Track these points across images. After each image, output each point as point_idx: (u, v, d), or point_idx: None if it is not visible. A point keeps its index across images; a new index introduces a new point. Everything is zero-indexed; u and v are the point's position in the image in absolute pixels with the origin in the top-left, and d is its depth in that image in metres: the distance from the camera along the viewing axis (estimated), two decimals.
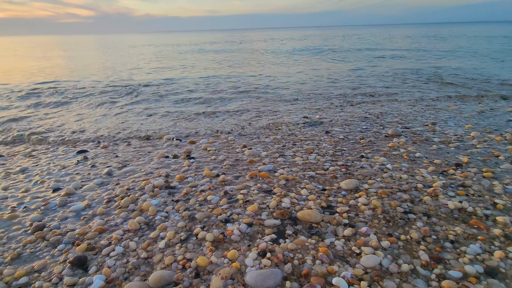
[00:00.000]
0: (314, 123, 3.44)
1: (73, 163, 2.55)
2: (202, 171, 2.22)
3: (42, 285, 1.20)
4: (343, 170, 2.14)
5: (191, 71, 8.61)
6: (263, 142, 2.85)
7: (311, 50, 7.51)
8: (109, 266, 1.28)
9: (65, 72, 9.03)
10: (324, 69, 8.18)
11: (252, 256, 1.29)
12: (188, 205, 1.75)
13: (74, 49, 22.54)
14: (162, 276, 1.19)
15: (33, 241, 1.49)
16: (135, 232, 1.51)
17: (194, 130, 3.36)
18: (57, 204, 1.84)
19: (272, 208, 1.68)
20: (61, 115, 4.32)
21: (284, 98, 4.93)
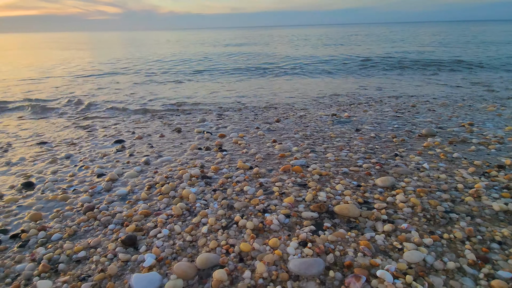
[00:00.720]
0: (343, 121, 3.41)
1: (112, 151, 2.69)
2: (235, 163, 2.28)
3: (99, 259, 1.30)
4: (377, 168, 2.12)
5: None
6: (292, 138, 2.87)
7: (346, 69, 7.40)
8: (157, 246, 1.36)
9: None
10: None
11: (293, 245, 1.33)
12: (225, 194, 1.81)
13: (143, 44, 23.40)
14: (208, 258, 1.25)
15: (86, 220, 1.60)
16: (178, 217, 1.59)
17: (222, 125, 3.43)
18: (103, 188, 1.96)
19: (308, 201, 1.70)
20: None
21: (311, 96, 4.91)
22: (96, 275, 1.21)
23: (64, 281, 1.18)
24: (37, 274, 1.23)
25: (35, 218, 1.64)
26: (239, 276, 1.19)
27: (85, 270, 1.24)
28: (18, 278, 1.22)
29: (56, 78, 7.75)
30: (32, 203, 1.81)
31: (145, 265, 1.24)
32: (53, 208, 1.76)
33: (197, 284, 1.17)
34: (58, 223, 1.60)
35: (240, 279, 1.17)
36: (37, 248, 1.40)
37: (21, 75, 8.26)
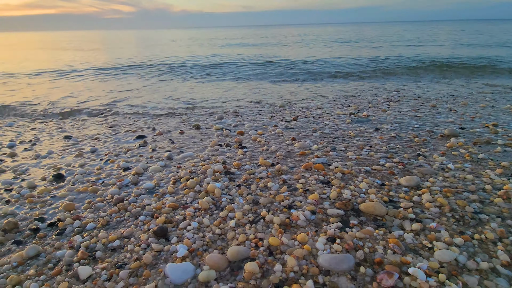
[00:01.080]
0: (361, 120, 3.39)
1: (135, 146, 2.76)
2: (256, 160, 2.30)
3: (133, 248, 1.35)
4: (400, 167, 2.10)
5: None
6: (311, 136, 2.87)
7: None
8: (188, 238, 1.40)
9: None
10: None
11: (322, 241, 1.34)
12: (250, 190, 1.84)
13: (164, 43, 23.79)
14: (239, 251, 1.28)
15: (117, 211, 1.66)
16: (206, 211, 1.63)
17: (240, 123, 3.46)
18: (130, 181, 2.02)
19: (333, 198, 1.71)
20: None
21: (327, 94, 4.89)
22: (132, 263, 1.25)
23: (103, 268, 1.24)
24: (76, 261, 1.29)
25: (69, 208, 1.71)
26: (270, 269, 1.21)
27: (121, 258, 1.30)
28: (59, 264, 1.28)
29: (80, 76, 7.97)
30: (64, 194, 1.89)
31: (178, 256, 1.28)
32: (85, 199, 1.83)
33: (229, 275, 1.20)
34: (91, 213, 1.66)
35: (271, 272, 1.20)
36: (74, 236, 1.46)
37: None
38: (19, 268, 1.27)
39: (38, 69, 9.00)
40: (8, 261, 1.31)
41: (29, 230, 1.52)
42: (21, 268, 1.27)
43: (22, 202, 1.81)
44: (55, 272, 1.23)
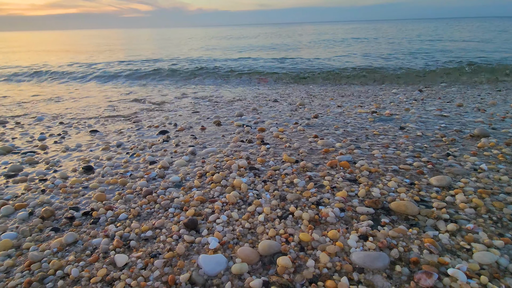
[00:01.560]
0: (384, 118, 3.31)
1: (159, 141, 2.82)
2: (280, 157, 2.30)
3: (166, 239, 1.38)
4: (430, 167, 2.04)
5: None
6: (333, 134, 2.83)
7: None
8: (218, 231, 1.41)
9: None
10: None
11: (354, 238, 1.32)
12: (276, 186, 1.83)
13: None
14: (270, 245, 1.28)
15: (147, 203, 1.70)
16: (233, 205, 1.64)
17: (260, 120, 3.46)
18: (157, 175, 2.06)
19: (361, 196, 1.68)
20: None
21: (347, 92, 4.81)
22: (166, 253, 1.28)
23: (138, 257, 1.27)
24: (112, 249, 1.33)
25: (101, 199, 1.77)
26: (303, 264, 1.21)
27: (154, 248, 1.33)
28: (96, 251, 1.33)
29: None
30: (95, 185, 1.95)
31: (211, 247, 1.29)
32: (115, 191, 1.89)
33: (261, 269, 1.21)
34: (122, 204, 1.71)
35: (304, 267, 1.19)
36: (107, 225, 1.51)
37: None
38: (59, 253, 1.33)
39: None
40: (48, 247, 1.36)
41: (65, 218, 1.58)
42: (60, 253, 1.33)
43: (56, 192, 1.89)
44: (92, 259, 1.27)
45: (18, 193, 1.90)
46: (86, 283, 1.15)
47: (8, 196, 1.86)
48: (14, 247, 1.39)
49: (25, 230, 1.49)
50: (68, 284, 1.16)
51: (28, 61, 11.60)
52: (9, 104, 4.89)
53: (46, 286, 1.15)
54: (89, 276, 1.18)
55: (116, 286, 1.12)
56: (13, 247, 1.38)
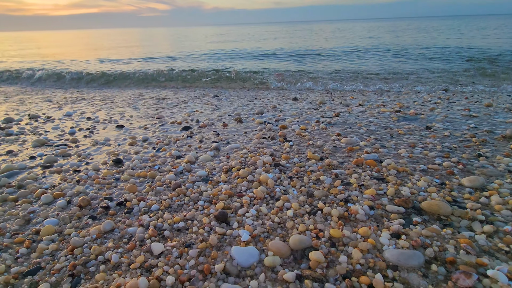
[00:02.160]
0: (409, 117, 3.24)
1: (183, 136, 2.88)
2: (304, 154, 2.30)
3: (198, 230, 1.42)
4: (460, 167, 1.98)
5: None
6: (356, 132, 2.80)
7: None
8: (249, 224, 1.44)
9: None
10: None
11: (386, 236, 1.31)
12: (303, 182, 1.84)
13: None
14: (301, 240, 1.30)
15: (177, 195, 1.75)
16: (261, 200, 1.66)
17: (281, 117, 3.47)
18: (184, 169, 2.12)
19: (390, 195, 1.66)
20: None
21: (370, 90, 4.73)
22: (199, 244, 1.32)
23: (173, 246, 1.31)
24: (148, 237, 1.38)
25: (132, 190, 1.83)
26: (335, 260, 1.21)
27: (188, 239, 1.37)
28: (132, 239, 1.39)
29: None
30: (126, 177, 2.02)
31: (243, 240, 1.32)
32: (145, 183, 1.95)
33: (293, 263, 1.22)
34: (153, 196, 1.77)
35: (336, 263, 1.20)
36: (141, 215, 1.57)
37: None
38: (98, 240, 1.39)
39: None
40: (88, 234, 1.44)
41: (101, 208, 1.65)
42: (99, 240, 1.39)
43: (90, 183, 1.98)
44: (130, 246, 1.33)
45: (55, 183, 2.00)
46: (126, 268, 1.21)
47: (46, 185, 1.96)
48: (57, 232, 1.47)
49: (65, 217, 1.57)
50: (109, 269, 1.22)
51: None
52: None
53: (89, 270, 1.22)
54: (128, 262, 1.24)
55: (155, 272, 1.17)
56: (56, 233, 1.47)
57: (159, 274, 1.15)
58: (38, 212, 1.67)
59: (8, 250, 1.36)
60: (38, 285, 1.14)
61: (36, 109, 4.47)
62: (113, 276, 1.17)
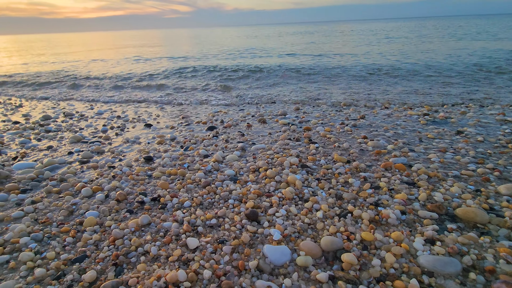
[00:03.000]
0: (438, 121, 3.14)
1: (209, 136, 2.96)
2: (330, 156, 2.30)
3: (230, 228, 1.46)
4: (497, 174, 1.91)
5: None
6: (383, 135, 2.75)
7: None
8: (279, 224, 1.47)
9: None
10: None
11: (419, 241, 1.30)
12: (331, 184, 1.85)
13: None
14: (333, 241, 1.31)
15: (207, 193, 1.81)
16: (290, 200, 1.69)
17: (305, 119, 3.47)
18: (212, 168, 2.18)
19: (422, 200, 1.63)
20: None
21: (395, 92, 4.62)
22: (232, 240, 1.36)
23: (207, 242, 1.37)
24: (183, 232, 1.45)
25: (165, 187, 1.92)
26: (367, 262, 1.22)
27: (221, 235, 1.42)
28: (168, 233, 1.45)
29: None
30: (158, 174, 2.11)
31: (275, 239, 1.35)
32: (176, 180, 2.03)
33: (324, 264, 1.24)
34: (185, 193, 1.84)
35: (369, 266, 1.20)
36: (175, 211, 1.64)
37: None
38: (136, 233, 1.48)
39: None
40: (126, 226, 1.52)
41: (136, 202, 1.75)
42: (137, 233, 1.48)
43: (125, 179, 2.08)
44: (166, 240, 1.40)
45: (93, 178, 2.13)
46: (165, 261, 1.27)
47: (85, 179, 2.09)
48: (98, 224, 1.57)
49: (105, 210, 1.67)
50: (149, 260, 1.29)
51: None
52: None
53: (131, 260, 1.30)
54: (166, 255, 1.30)
55: (192, 266, 1.22)
56: (97, 224, 1.57)
57: (196, 267, 1.21)
58: (79, 204, 1.78)
59: (56, 238, 1.47)
60: (86, 272, 1.23)
61: (70, 107, 4.74)
62: (153, 267, 1.24)
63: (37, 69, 9.78)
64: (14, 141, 3.01)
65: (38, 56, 15.04)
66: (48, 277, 1.22)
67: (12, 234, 1.49)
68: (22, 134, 3.24)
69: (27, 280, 1.21)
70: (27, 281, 1.21)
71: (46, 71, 9.19)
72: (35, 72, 9.02)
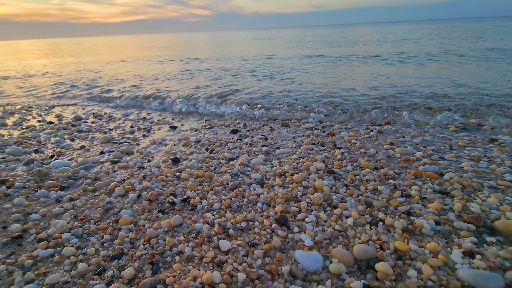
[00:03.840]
0: (469, 128, 3.02)
1: (232, 139, 3.00)
2: (356, 162, 2.27)
3: (260, 231, 1.48)
4: None
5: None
6: (410, 142, 2.68)
7: None
8: (309, 229, 1.47)
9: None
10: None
11: (457, 253, 1.26)
12: (359, 191, 1.83)
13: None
14: (366, 250, 1.29)
15: (235, 196, 1.84)
16: (319, 206, 1.68)
17: (329, 123, 3.44)
18: (238, 171, 2.21)
19: (457, 211, 1.58)
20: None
21: (422, 95, 4.48)
22: (263, 244, 1.38)
23: (238, 245, 1.39)
24: (214, 234, 1.48)
25: (193, 188, 1.97)
26: (403, 273, 1.19)
27: (251, 239, 1.44)
28: (200, 235, 1.49)
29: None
30: (186, 176, 2.17)
31: (306, 244, 1.35)
32: (203, 182, 2.08)
33: (357, 272, 1.23)
34: (213, 195, 1.88)
35: (405, 277, 1.18)
36: (205, 213, 1.68)
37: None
38: (169, 233, 1.53)
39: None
40: (159, 226, 1.58)
41: (167, 203, 1.80)
42: (170, 233, 1.52)
43: (155, 179, 2.16)
44: (199, 241, 1.43)
45: (125, 177, 2.22)
46: (199, 261, 1.31)
47: (117, 179, 2.18)
48: (132, 223, 1.64)
49: (138, 209, 1.74)
50: (183, 260, 1.33)
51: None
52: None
53: (166, 260, 1.34)
54: (200, 256, 1.34)
55: (225, 268, 1.25)
56: (132, 223, 1.63)
57: (230, 270, 1.23)
58: (114, 203, 1.86)
59: (94, 235, 1.55)
60: (125, 269, 1.29)
61: (98, 108, 4.96)
62: (188, 268, 1.27)
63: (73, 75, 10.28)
64: (49, 141, 3.19)
65: (78, 59, 15.82)
66: (90, 272, 1.29)
67: (54, 229, 1.58)
68: (56, 134, 3.42)
69: (71, 274, 1.28)
70: (71, 275, 1.28)
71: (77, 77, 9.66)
72: (73, 77, 9.50)
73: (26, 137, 3.29)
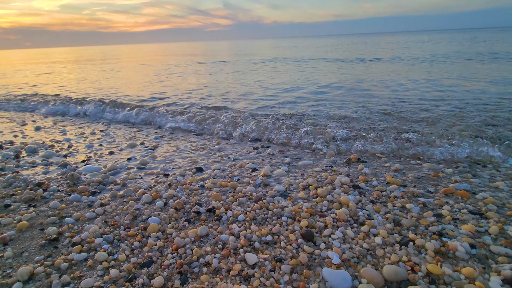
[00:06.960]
0: None
1: (253, 149, 3.02)
2: (382, 177, 2.22)
3: (286, 246, 1.48)
4: None
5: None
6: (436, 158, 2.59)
7: None
8: (336, 246, 1.45)
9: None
10: None
11: (496, 281, 1.19)
12: (387, 208, 1.78)
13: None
14: (397, 272, 1.26)
15: (259, 208, 1.85)
16: (345, 222, 1.66)
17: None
18: (262, 182, 2.22)
19: (493, 234, 1.50)
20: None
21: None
22: (289, 260, 1.37)
23: (265, 259, 1.39)
24: (240, 247, 1.49)
25: (218, 198, 1.99)
26: None
27: (277, 253, 1.44)
28: (226, 247, 1.51)
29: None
30: (210, 185, 2.21)
31: (334, 262, 1.33)
32: (227, 192, 2.10)
33: None
34: (238, 206, 1.90)
35: None
36: (230, 224, 1.70)
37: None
38: (195, 243, 1.55)
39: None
40: (186, 235, 1.61)
41: (193, 212, 1.84)
42: (197, 243, 1.55)
43: (180, 188, 2.21)
44: (225, 253, 1.45)
45: (151, 184, 2.29)
46: (226, 274, 1.32)
47: (145, 186, 2.26)
48: (160, 231, 1.68)
49: (165, 218, 1.79)
50: (211, 272, 1.35)
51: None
52: None
53: (194, 270, 1.36)
54: (227, 269, 1.35)
55: (253, 282, 1.25)
56: (159, 231, 1.68)
57: (257, 284, 1.24)
58: (142, 209, 1.92)
59: (124, 241, 1.60)
60: (154, 277, 1.32)
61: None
62: (216, 280, 1.29)
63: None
64: (80, 145, 3.35)
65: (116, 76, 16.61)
66: (122, 279, 1.33)
67: (87, 234, 1.65)
68: (86, 139, 3.59)
69: (104, 279, 1.33)
70: (104, 280, 1.33)
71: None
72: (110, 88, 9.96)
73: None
